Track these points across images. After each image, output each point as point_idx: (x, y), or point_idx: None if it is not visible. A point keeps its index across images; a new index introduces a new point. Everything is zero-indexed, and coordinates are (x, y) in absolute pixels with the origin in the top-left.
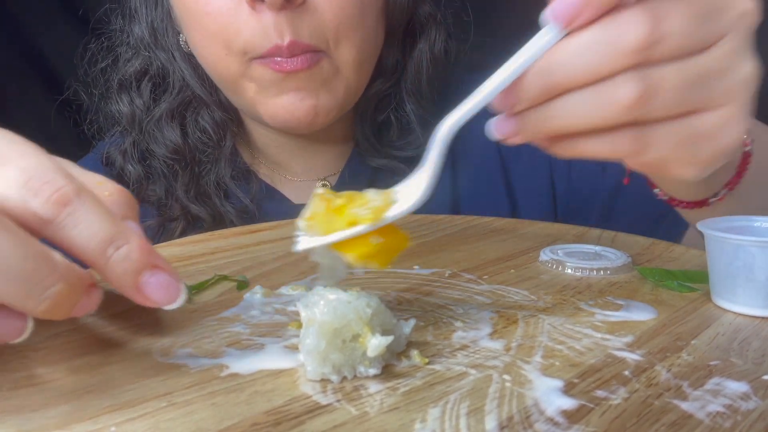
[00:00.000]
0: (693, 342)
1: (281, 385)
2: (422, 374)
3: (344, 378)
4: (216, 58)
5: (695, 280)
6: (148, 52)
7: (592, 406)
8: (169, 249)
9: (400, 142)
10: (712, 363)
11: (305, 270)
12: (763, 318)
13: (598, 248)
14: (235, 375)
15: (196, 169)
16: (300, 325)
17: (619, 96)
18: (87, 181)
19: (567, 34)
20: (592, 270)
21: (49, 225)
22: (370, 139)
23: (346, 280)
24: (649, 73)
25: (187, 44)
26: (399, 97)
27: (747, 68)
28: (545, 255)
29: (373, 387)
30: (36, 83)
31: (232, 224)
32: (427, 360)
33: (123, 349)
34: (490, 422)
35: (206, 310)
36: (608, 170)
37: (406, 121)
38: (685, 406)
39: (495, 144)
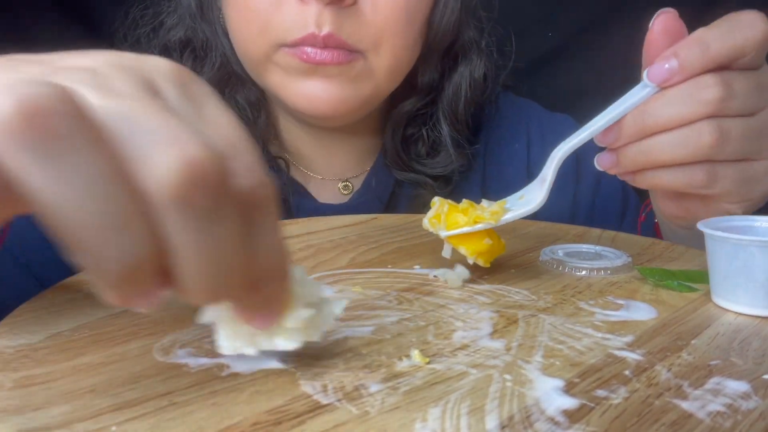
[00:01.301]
0: (693, 342)
1: (282, 385)
2: (423, 374)
3: (264, 353)
4: (247, 38)
5: (695, 279)
6: (194, 23)
7: (592, 405)
8: None
9: (428, 160)
10: (712, 363)
11: (306, 270)
12: (763, 318)
13: (598, 248)
14: (235, 374)
15: None
16: None
17: (702, 137)
18: None
19: (660, 90)
20: (592, 270)
21: (250, 211)
22: (399, 153)
23: (348, 279)
24: (723, 123)
25: (224, 18)
26: (435, 117)
27: None
28: (545, 255)
29: (374, 387)
30: None
31: None
32: (427, 359)
33: (123, 349)
34: (491, 422)
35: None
36: (627, 216)
37: (437, 140)
38: (685, 405)
39: (525, 167)
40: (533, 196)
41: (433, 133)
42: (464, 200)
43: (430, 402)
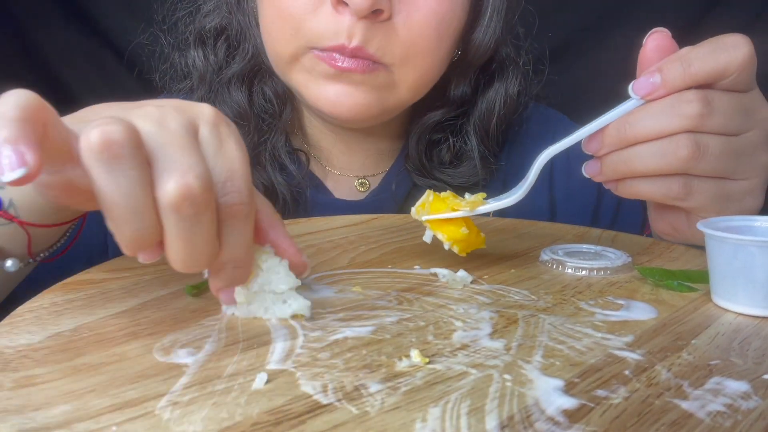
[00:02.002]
0: (693, 342)
1: (282, 385)
2: (423, 374)
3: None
4: (279, 38)
5: (695, 279)
6: (229, 12)
7: (592, 405)
8: None
9: (450, 169)
10: (712, 362)
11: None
12: (763, 318)
13: (598, 248)
14: (235, 374)
15: (255, 137)
16: (303, 317)
17: (678, 150)
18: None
19: (644, 103)
20: (592, 270)
21: (221, 220)
22: (422, 159)
23: (348, 279)
24: (701, 138)
25: (256, 10)
26: (464, 129)
27: (765, 157)
28: (545, 255)
29: (374, 386)
30: (36, 84)
31: (284, 198)
32: (427, 359)
33: (123, 349)
34: (491, 422)
35: (206, 310)
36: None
37: (462, 149)
38: (685, 405)
39: (548, 180)
40: (514, 192)
41: (459, 142)
42: (448, 191)
43: (430, 402)
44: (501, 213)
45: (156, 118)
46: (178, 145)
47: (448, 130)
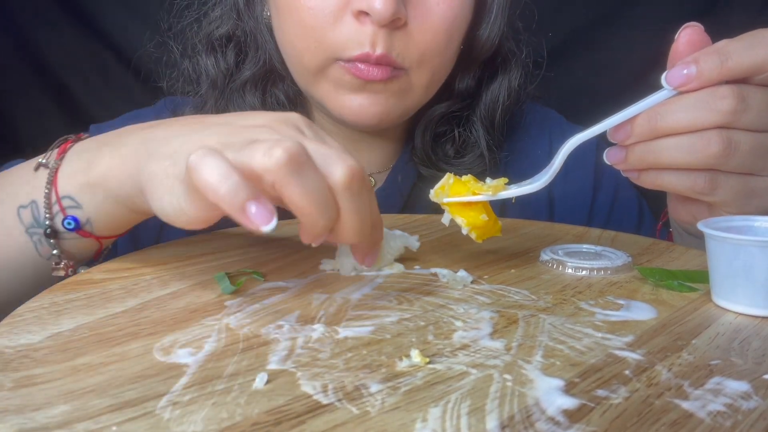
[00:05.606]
0: (693, 342)
1: (282, 385)
2: (423, 374)
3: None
4: (303, 50)
5: (696, 279)
6: (239, 19)
7: (592, 405)
8: (168, 249)
9: (455, 160)
10: (712, 362)
11: (305, 270)
12: (763, 318)
13: (598, 248)
14: (235, 374)
15: None
16: None
17: (709, 146)
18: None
19: (676, 94)
20: (592, 270)
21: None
22: (428, 152)
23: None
24: (732, 135)
25: (269, 17)
26: (471, 120)
27: None
28: (546, 255)
29: (374, 386)
30: (35, 83)
31: None
32: (427, 359)
33: (124, 349)
34: (491, 422)
35: (207, 310)
36: (642, 233)
37: (467, 140)
38: (685, 405)
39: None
40: (538, 178)
41: (465, 133)
42: (468, 174)
43: (430, 402)
44: (502, 209)
45: (292, 132)
46: (317, 145)
47: (453, 121)
